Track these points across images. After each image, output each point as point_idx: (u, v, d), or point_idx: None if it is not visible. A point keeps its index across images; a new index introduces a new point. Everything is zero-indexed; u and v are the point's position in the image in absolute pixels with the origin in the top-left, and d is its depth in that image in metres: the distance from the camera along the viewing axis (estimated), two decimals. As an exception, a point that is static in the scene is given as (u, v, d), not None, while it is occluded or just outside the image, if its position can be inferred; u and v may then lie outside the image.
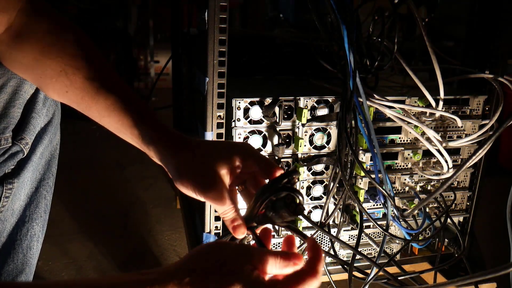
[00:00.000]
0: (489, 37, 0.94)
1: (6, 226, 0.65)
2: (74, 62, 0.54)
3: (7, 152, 0.61)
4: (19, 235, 0.66)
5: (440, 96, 0.83)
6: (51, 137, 0.68)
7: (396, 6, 0.82)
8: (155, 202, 1.58)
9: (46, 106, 0.65)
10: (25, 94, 0.61)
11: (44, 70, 0.54)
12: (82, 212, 1.47)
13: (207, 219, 0.86)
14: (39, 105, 0.64)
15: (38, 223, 0.69)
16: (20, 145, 0.62)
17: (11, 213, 0.65)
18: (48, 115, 0.66)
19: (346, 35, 0.76)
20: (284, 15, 3.21)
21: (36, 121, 0.63)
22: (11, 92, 0.60)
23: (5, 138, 0.60)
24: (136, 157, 2.06)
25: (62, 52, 0.54)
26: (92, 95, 0.54)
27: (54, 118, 0.68)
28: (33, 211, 0.68)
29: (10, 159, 0.61)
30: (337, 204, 0.86)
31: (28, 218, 0.67)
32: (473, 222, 1.02)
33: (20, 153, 0.62)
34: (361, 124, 0.81)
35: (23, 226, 0.67)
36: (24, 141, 0.62)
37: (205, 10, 0.76)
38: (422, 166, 0.92)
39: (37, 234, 0.69)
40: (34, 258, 0.69)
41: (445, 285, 0.68)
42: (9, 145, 0.60)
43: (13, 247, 0.66)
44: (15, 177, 0.63)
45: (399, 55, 0.85)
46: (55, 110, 0.68)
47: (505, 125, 0.65)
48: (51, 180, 0.71)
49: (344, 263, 0.88)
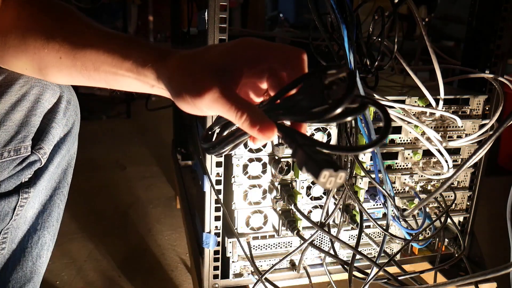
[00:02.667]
0: (489, 37, 0.94)
1: (18, 234, 0.64)
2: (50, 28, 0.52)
3: (25, 161, 0.60)
4: (30, 243, 0.66)
5: (440, 96, 0.83)
6: (69, 147, 0.67)
7: (396, 6, 0.82)
8: (155, 202, 1.58)
9: (67, 116, 0.64)
10: (46, 103, 0.61)
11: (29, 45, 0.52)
12: (82, 212, 1.47)
13: (207, 219, 0.86)
14: (59, 115, 0.63)
15: (50, 231, 0.68)
16: (38, 155, 0.61)
17: (23, 221, 0.64)
18: (68, 125, 0.65)
19: (346, 35, 0.76)
20: (284, 15, 3.21)
21: (56, 131, 0.63)
22: (33, 100, 0.59)
23: (25, 146, 0.59)
24: (136, 157, 2.06)
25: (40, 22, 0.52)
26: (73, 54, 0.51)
27: (73, 128, 0.67)
28: (46, 219, 0.67)
29: (27, 168, 0.61)
30: (337, 204, 0.86)
31: (40, 226, 0.67)
32: (473, 222, 1.02)
33: (38, 163, 0.62)
34: (361, 124, 0.81)
35: (35, 234, 0.66)
36: (42, 151, 0.61)
37: (205, 10, 0.76)
38: (422, 166, 0.92)
39: (48, 243, 0.68)
40: (42, 267, 0.68)
41: (445, 285, 0.68)
42: (28, 154, 0.60)
43: (23, 255, 0.65)
44: (31, 186, 0.62)
45: (399, 55, 0.85)
46: (75, 120, 0.67)
47: (505, 125, 0.64)
48: (66, 189, 0.70)
49: (344, 263, 0.88)
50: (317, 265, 0.95)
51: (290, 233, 0.87)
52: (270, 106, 0.43)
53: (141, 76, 0.48)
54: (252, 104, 0.43)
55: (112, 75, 0.50)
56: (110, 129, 2.58)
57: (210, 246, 0.87)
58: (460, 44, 2.39)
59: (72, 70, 0.52)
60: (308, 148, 0.36)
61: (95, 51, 0.49)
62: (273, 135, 0.41)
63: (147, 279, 1.13)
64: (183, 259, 1.22)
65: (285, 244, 0.92)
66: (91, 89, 2.88)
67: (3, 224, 0.61)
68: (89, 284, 1.10)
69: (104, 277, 1.13)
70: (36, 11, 0.54)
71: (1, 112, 0.56)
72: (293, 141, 0.38)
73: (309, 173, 0.35)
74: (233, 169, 0.83)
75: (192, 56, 0.45)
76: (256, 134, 0.41)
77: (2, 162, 0.58)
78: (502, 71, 0.93)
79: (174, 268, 1.18)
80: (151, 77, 0.47)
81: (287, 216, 0.87)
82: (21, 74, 0.58)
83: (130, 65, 0.48)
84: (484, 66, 0.95)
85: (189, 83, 0.43)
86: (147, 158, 2.07)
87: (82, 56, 0.50)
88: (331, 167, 0.33)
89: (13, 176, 0.60)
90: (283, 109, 0.41)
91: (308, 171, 0.35)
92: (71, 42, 0.51)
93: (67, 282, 1.11)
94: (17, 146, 0.59)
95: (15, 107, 0.58)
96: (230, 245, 0.88)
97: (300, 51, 0.44)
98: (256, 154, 0.84)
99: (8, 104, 0.57)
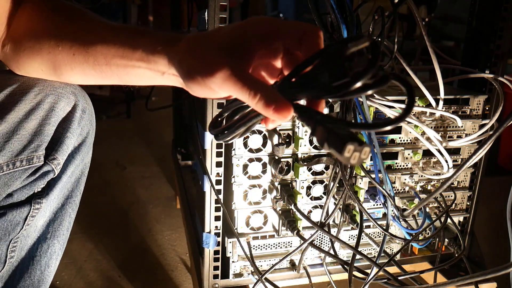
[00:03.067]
0: (489, 37, 0.94)
1: (27, 242, 0.63)
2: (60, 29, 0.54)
3: (38, 171, 0.59)
4: (39, 251, 0.65)
5: (440, 96, 0.83)
6: (83, 156, 0.66)
7: (396, 6, 0.82)
8: (155, 202, 1.58)
9: (81, 126, 0.63)
10: (61, 112, 0.59)
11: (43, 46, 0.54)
12: (82, 212, 1.46)
13: (207, 219, 0.86)
14: (74, 124, 0.61)
15: (60, 240, 0.67)
16: (52, 165, 0.60)
17: (34, 229, 0.63)
18: (83, 134, 0.64)
19: (346, 35, 0.76)
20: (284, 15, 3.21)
21: (70, 141, 0.61)
22: (48, 109, 0.58)
23: (38, 156, 0.58)
24: (136, 157, 2.06)
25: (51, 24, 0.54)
26: (85, 49, 0.52)
27: (88, 137, 0.66)
28: (56, 228, 0.66)
29: (40, 179, 0.60)
30: (337, 204, 0.86)
31: (51, 235, 0.65)
32: (473, 222, 1.02)
33: (51, 173, 0.60)
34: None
35: (44, 243, 0.65)
36: (56, 161, 0.60)
37: (205, 10, 0.75)
38: (422, 166, 0.92)
39: (57, 252, 0.67)
40: (50, 276, 0.67)
41: (445, 285, 0.68)
42: (41, 163, 0.59)
43: (31, 263, 0.64)
44: (43, 197, 0.61)
45: (399, 55, 0.85)
46: (90, 129, 0.65)
47: (505, 125, 0.64)
48: (78, 198, 0.68)
49: (344, 263, 0.88)
50: (317, 265, 0.95)
51: (290, 233, 0.87)
52: (285, 84, 0.40)
53: (152, 64, 0.47)
54: (266, 83, 0.41)
55: (123, 68, 0.50)
56: (110, 129, 2.58)
57: (210, 246, 0.87)
58: (460, 44, 2.39)
59: (85, 66, 0.53)
60: (329, 124, 0.34)
61: (106, 45, 0.50)
62: (289, 114, 0.38)
63: (147, 279, 1.13)
64: (183, 259, 1.22)
65: (285, 244, 0.92)
66: (91, 89, 2.88)
67: (13, 234, 0.60)
68: (89, 284, 1.10)
69: (104, 277, 1.13)
70: (47, 12, 0.55)
71: (15, 121, 0.55)
72: (312, 118, 0.36)
73: (331, 149, 0.33)
74: (233, 169, 0.83)
75: (202, 37, 0.44)
76: (271, 114, 0.38)
77: (15, 171, 0.57)
78: (502, 71, 0.93)
79: (174, 268, 1.18)
80: (161, 63, 0.46)
81: (287, 216, 0.87)
82: (36, 83, 0.57)
83: (140, 53, 0.47)
84: (484, 66, 0.95)
85: (199, 63, 0.42)
86: (147, 158, 2.07)
87: (93, 51, 0.51)
88: (356, 141, 0.31)
89: (25, 186, 0.59)
90: (299, 86, 0.39)
91: (330, 147, 0.33)
92: (83, 39, 0.52)
93: (67, 282, 1.11)
94: (30, 156, 0.57)
95: (29, 115, 0.56)
96: (230, 245, 0.88)
97: (315, 28, 0.42)
98: (256, 154, 0.84)
99: (22, 113, 0.56)
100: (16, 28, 0.56)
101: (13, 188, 0.58)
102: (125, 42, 0.49)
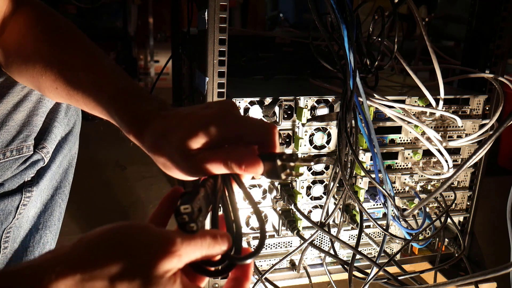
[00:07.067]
0: (489, 37, 0.94)
1: (20, 233, 0.65)
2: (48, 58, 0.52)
3: (28, 160, 0.61)
4: (32, 242, 0.66)
5: (440, 96, 0.83)
6: (71, 146, 0.68)
7: (396, 6, 0.82)
8: (155, 202, 1.58)
9: (68, 116, 0.65)
10: (48, 103, 0.62)
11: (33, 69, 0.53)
12: (82, 212, 1.47)
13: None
14: (61, 114, 0.64)
15: (52, 231, 0.68)
16: (41, 154, 0.62)
17: (25, 220, 0.65)
18: (69, 124, 0.67)
19: (346, 35, 0.76)
20: (284, 15, 3.21)
21: (57, 130, 0.64)
22: (36, 100, 0.60)
23: (27, 146, 0.60)
24: (136, 157, 2.06)
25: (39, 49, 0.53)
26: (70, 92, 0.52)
27: (74, 127, 0.68)
28: (47, 218, 0.68)
29: (30, 167, 0.61)
30: (337, 204, 0.86)
31: (42, 225, 0.67)
32: (473, 222, 1.02)
33: (41, 162, 0.62)
34: (361, 123, 0.81)
35: (37, 233, 0.67)
36: (45, 150, 0.62)
37: (205, 9, 0.75)
38: (422, 165, 0.92)
39: (50, 242, 0.68)
40: None
41: (445, 285, 0.68)
42: (31, 153, 0.61)
43: (25, 254, 0.66)
44: (34, 185, 0.63)
45: (399, 54, 0.85)
46: (76, 120, 0.68)
47: (505, 125, 0.64)
48: (67, 189, 0.71)
49: (344, 263, 0.88)
50: (317, 265, 0.95)
51: (290, 233, 0.87)
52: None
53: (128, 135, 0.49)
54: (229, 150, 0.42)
55: (105, 118, 0.51)
56: (110, 129, 2.57)
57: (210, 246, 0.86)
58: (460, 44, 2.39)
59: (68, 101, 0.54)
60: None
61: (86, 97, 0.50)
62: (260, 169, 0.41)
63: (147, 279, 1.13)
64: (183, 259, 1.22)
65: (285, 244, 0.92)
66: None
67: (6, 223, 0.61)
68: (89, 284, 1.10)
69: (104, 277, 1.13)
70: (38, 33, 0.54)
71: (3, 113, 0.57)
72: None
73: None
74: (233, 169, 0.83)
75: (165, 135, 0.45)
76: (245, 170, 0.41)
77: (5, 161, 0.58)
78: (502, 71, 0.93)
79: (174, 268, 1.18)
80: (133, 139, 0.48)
81: (287, 216, 0.87)
82: None
83: (116, 123, 0.49)
84: (484, 66, 0.95)
85: (160, 162, 0.46)
86: (147, 158, 2.05)
87: (75, 95, 0.51)
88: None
89: (16, 175, 0.61)
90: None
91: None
92: (66, 78, 0.51)
93: (67, 282, 1.11)
94: (19, 146, 0.59)
95: (17, 107, 0.58)
96: (230, 245, 0.88)
97: (272, 127, 0.42)
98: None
99: (10, 105, 0.58)
100: (9, 35, 0.56)
101: (4, 177, 0.60)
102: (104, 106, 0.49)
